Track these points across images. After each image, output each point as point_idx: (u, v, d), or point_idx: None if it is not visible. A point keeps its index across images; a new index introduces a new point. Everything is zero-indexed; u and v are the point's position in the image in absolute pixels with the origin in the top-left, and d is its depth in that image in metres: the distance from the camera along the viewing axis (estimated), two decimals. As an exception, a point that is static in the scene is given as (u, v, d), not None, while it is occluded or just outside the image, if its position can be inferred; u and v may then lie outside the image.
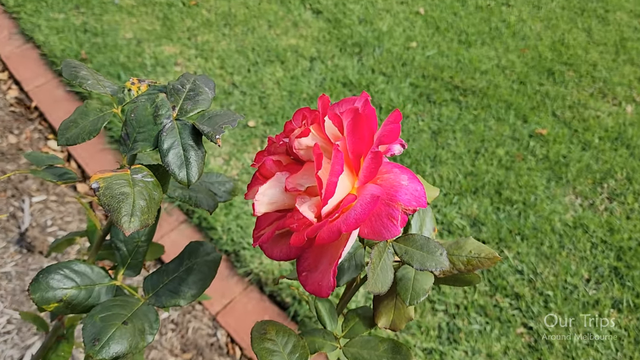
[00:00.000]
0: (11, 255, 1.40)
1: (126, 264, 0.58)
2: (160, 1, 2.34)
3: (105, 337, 0.50)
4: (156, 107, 0.52)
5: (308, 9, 2.44)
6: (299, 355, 0.50)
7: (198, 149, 0.51)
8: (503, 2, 2.71)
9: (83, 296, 0.54)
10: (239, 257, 1.45)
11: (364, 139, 0.47)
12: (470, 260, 0.56)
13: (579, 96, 2.14)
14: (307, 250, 0.50)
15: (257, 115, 1.87)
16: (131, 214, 0.44)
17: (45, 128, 1.81)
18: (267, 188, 0.48)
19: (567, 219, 1.64)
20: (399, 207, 0.45)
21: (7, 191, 1.56)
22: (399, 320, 0.57)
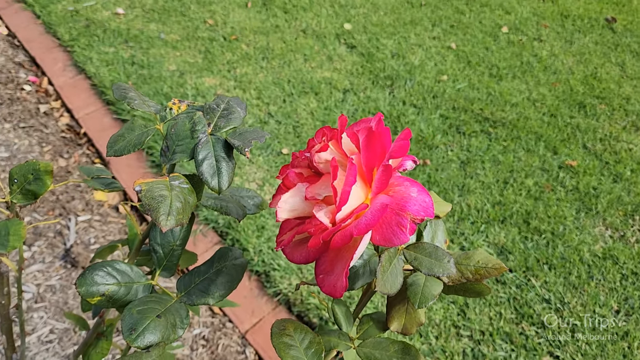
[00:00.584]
0: (56, 269, 1.48)
1: (162, 265, 0.64)
2: (203, 36, 2.48)
3: (141, 328, 0.56)
4: (193, 123, 0.59)
5: (342, 44, 2.54)
6: (314, 351, 0.55)
7: (229, 161, 0.57)
8: (535, 38, 2.75)
9: (122, 292, 0.61)
10: (269, 277, 1.50)
11: (376, 153, 0.52)
12: (478, 269, 0.59)
13: (610, 129, 2.14)
14: (323, 255, 0.54)
15: (291, 143, 1.94)
16: (168, 213, 0.51)
17: (93, 153, 1.93)
18: (289, 197, 0.53)
19: (597, 250, 1.63)
20: (408, 216, 0.50)
21: (55, 210, 1.67)
22: (410, 324, 0.60)
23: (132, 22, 2.54)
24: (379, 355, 0.57)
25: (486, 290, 0.63)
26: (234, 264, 0.64)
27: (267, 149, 1.91)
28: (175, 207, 0.51)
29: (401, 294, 0.62)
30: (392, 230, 0.50)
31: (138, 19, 2.57)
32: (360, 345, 0.59)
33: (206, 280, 0.63)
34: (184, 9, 2.68)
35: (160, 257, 0.64)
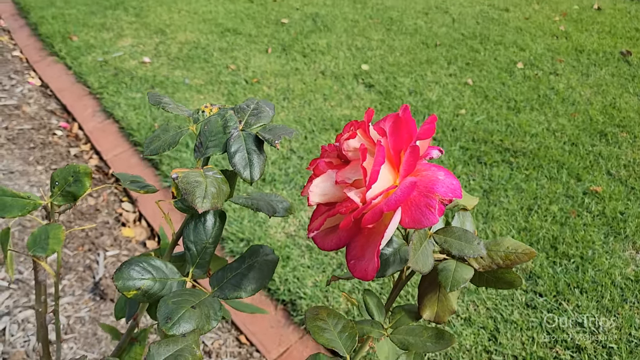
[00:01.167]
0: (85, 302, 1.50)
1: (195, 263, 0.66)
2: (225, 80, 2.56)
3: (177, 317, 0.57)
4: (225, 120, 0.62)
5: (361, 83, 2.60)
6: (348, 334, 0.55)
7: (260, 154, 0.60)
8: (551, 72, 2.78)
9: (157, 287, 0.62)
10: (296, 306, 1.50)
11: (403, 137, 0.54)
12: (508, 255, 0.60)
13: (634, 155, 2.13)
14: (353, 240, 0.56)
15: (313, 177, 1.97)
16: (204, 197, 0.53)
17: (121, 192, 1.98)
18: (320, 182, 0.55)
19: (629, 273, 1.60)
20: (436, 197, 0.51)
21: (84, 245, 1.70)
22: (443, 312, 0.60)
23: (158, 69, 2.65)
24: (412, 341, 0.57)
25: (517, 280, 0.63)
26: (265, 259, 0.66)
27: (290, 183, 1.94)
28: (210, 192, 0.54)
29: (432, 282, 0.63)
30: (421, 212, 0.51)
31: (163, 67, 2.67)
32: (393, 333, 0.59)
33: (238, 275, 0.64)
34: (207, 56, 2.79)
35: (193, 254, 0.66)
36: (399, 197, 0.50)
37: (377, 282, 1.59)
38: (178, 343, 0.54)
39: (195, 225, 0.66)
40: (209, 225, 0.66)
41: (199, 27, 3.10)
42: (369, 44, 3.00)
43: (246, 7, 3.42)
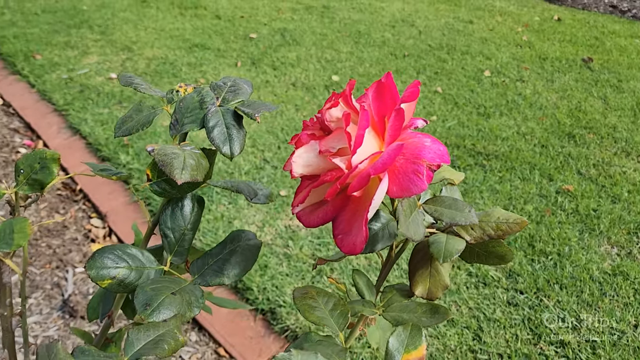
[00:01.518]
0: (54, 320, 1.43)
1: (173, 250, 0.62)
2: (195, 94, 2.53)
3: (156, 303, 0.53)
4: (202, 96, 0.59)
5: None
6: (339, 312, 0.52)
7: (240, 129, 0.57)
8: (517, 79, 2.84)
9: (134, 277, 0.58)
10: (276, 315, 1.45)
11: (387, 102, 0.52)
12: (499, 225, 0.58)
13: (602, 155, 2.17)
14: (340, 214, 0.53)
15: (288, 185, 1.94)
16: (182, 168, 0.50)
17: (89, 207, 1.91)
18: (302, 152, 0.53)
19: (606, 268, 1.61)
20: (423, 164, 0.49)
21: (52, 263, 1.63)
22: (435, 288, 0.58)
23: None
24: (407, 317, 0.55)
25: (509, 253, 0.62)
26: (248, 244, 0.62)
27: (264, 193, 1.91)
28: (188, 163, 0.51)
29: (423, 258, 0.60)
30: (409, 179, 0.49)
31: (131, 82, 2.62)
32: (386, 310, 0.56)
33: (220, 260, 0.61)
34: (176, 70, 2.75)
35: (171, 241, 0.62)
36: (386, 160, 0.48)
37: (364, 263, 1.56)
38: (159, 328, 0.50)
39: (172, 211, 0.62)
40: (187, 210, 0.63)
41: (166, 43, 3.07)
42: (339, 56, 3.01)
43: (213, 23, 3.41)
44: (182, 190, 0.60)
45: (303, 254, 1.65)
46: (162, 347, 0.48)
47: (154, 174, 0.60)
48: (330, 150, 0.52)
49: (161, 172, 0.59)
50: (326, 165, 0.52)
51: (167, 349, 0.48)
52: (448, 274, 0.59)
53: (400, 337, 0.48)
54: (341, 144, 0.52)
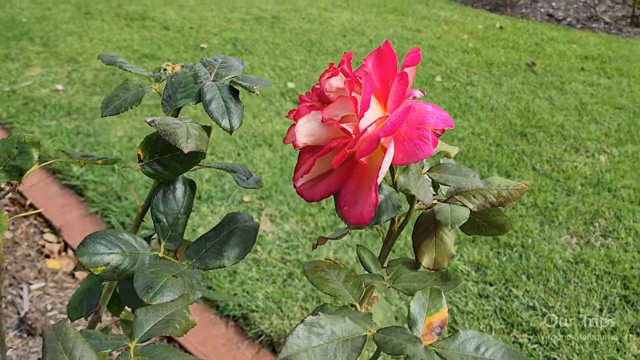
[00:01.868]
0: (11, 340, 1.34)
1: (167, 236, 0.59)
2: (149, 103, 2.46)
3: (158, 286, 0.50)
4: (194, 71, 0.57)
5: (289, 100, 2.59)
6: (352, 283, 0.51)
7: (237, 102, 0.55)
8: (467, 83, 2.92)
9: (128, 263, 0.55)
10: (248, 320, 1.42)
11: (388, 68, 0.52)
12: (500, 192, 0.58)
13: (553, 152, 2.25)
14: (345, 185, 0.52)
15: (252, 191, 1.91)
16: (187, 137, 0.47)
17: (40, 222, 1.81)
18: (305, 121, 0.51)
19: (568, 256, 1.66)
20: (428, 129, 0.49)
21: (4, 281, 1.53)
22: (441, 257, 0.58)
23: (73, 96, 2.50)
24: (418, 286, 0.53)
25: (508, 222, 0.62)
26: (246, 225, 0.60)
27: (227, 199, 1.87)
28: (192, 133, 0.48)
29: (427, 228, 0.60)
30: (415, 144, 0.48)
31: (79, 94, 2.53)
32: (396, 281, 0.55)
33: (218, 243, 0.58)
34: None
35: (164, 226, 0.59)
36: (395, 121, 0.47)
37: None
38: (167, 308, 0.47)
39: (164, 195, 0.59)
40: (179, 193, 0.60)
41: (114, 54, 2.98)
42: (292, 64, 3.01)
43: (162, 34, 3.34)
44: (175, 171, 0.57)
45: (272, 258, 1.62)
46: (174, 327, 0.45)
47: (146, 154, 0.57)
48: (334, 118, 0.51)
49: (153, 153, 0.57)
50: (329, 134, 0.51)
51: (179, 328, 0.45)
52: (453, 243, 0.59)
53: (420, 301, 0.47)
54: (344, 111, 0.51)
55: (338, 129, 0.51)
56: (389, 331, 0.42)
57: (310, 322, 0.40)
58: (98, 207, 1.81)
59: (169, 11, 3.82)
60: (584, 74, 3.12)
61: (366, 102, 0.49)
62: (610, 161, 2.20)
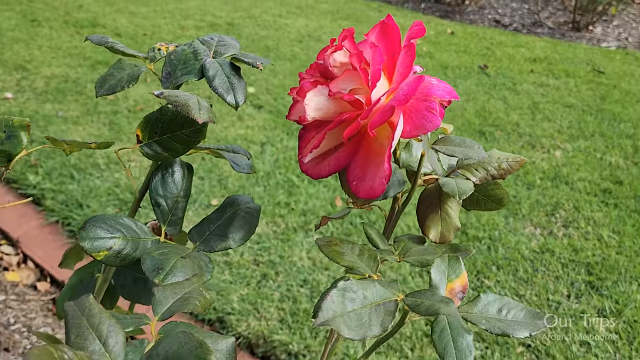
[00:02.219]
0: (-28, 355, 1.26)
1: (167, 220, 0.57)
2: (105, 110, 2.39)
3: (168, 266, 0.48)
4: (194, 48, 0.55)
5: (249, 105, 2.57)
6: (367, 256, 0.50)
7: (240, 78, 0.54)
8: (424, 85, 2.98)
9: (130, 248, 0.52)
10: (225, 322, 1.39)
11: (394, 41, 0.52)
12: (501, 164, 0.59)
13: (511, 149, 2.32)
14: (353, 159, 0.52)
15: (219, 194, 1.88)
16: (199, 108, 0.46)
17: (-4, 234, 1.72)
18: (312, 95, 0.51)
19: (534, 247, 1.71)
20: (435, 100, 0.49)
21: (-40, 295, 1.44)
22: (447, 230, 0.58)
23: (24, 104, 2.40)
24: (430, 258, 0.54)
25: (506, 196, 0.63)
26: (249, 207, 0.59)
27: (195, 203, 1.83)
28: (203, 104, 0.47)
29: (432, 203, 0.60)
30: (423, 116, 0.49)
31: (30, 101, 2.43)
32: (406, 255, 0.55)
33: (222, 225, 0.57)
34: (80, 88, 2.59)
35: (164, 210, 0.57)
36: (408, 91, 0.48)
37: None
38: (184, 286, 0.45)
39: (162, 178, 0.58)
40: (178, 176, 0.59)
41: (65, 62, 2.88)
42: (250, 69, 2.99)
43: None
44: (175, 153, 0.56)
45: (244, 260, 1.59)
46: (194, 303, 0.43)
47: (145, 135, 0.55)
48: (342, 91, 0.51)
49: (153, 133, 0.55)
50: (337, 107, 0.51)
51: (199, 304, 0.43)
52: (457, 216, 0.60)
53: (440, 267, 0.47)
54: (351, 84, 0.51)
55: (345, 103, 0.50)
56: (419, 294, 0.42)
57: (343, 287, 0.39)
58: (58, 216, 1.74)
59: (120, 18, 3.73)
60: (533, 75, 3.24)
61: (377, 73, 0.49)
62: (565, 156, 2.29)
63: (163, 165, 0.58)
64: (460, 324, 0.44)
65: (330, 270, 1.57)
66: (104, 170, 1.97)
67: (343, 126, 0.50)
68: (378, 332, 0.38)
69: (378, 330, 0.38)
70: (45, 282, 1.58)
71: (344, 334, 0.37)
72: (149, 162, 0.64)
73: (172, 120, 0.53)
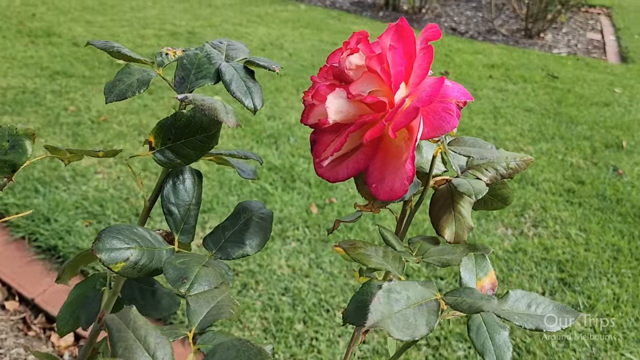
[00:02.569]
0: (-60, 382, 1.19)
1: (180, 228, 0.55)
2: (67, 121, 2.32)
3: (193, 275, 0.47)
4: (206, 52, 0.54)
5: (217, 114, 2.54)
6: (392, 258, 0.50)
7: (255, 82, 0.53)
8: (389, 91, 3.02)
9: (147, 258, 0.51)
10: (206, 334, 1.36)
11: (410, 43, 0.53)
12: (509, 164, 0.60)
13: (478, 152, 2.38)
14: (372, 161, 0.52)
15: (192, 205, 1.85)
16: (226, 112, 0.45)
17: (-43, 253, 1.64)
18: (332, 98, 0.51)
19: (507, 247, 1.75)
20: (452, 101, 0.50)
21: None
22: (461, 230, 0.59)
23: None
24: (449, 258, 0.54)
25: (511, 195, 0.64)
26: (262, 213, 0.58)
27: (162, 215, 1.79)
28: (229, 109, 0.46)
29: (445, 203, 0.61)
30: (441, 117, 0.49)
31: (-13, 114, 2.33)
32: (425, 256, 0.55)
33: (237, 232, 0.56)
34: (39, 99, 2.50)
35: (177, 218, 0.56)
36: (431, 93, 0.48)
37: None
38: (216, 295, 0.44)
39: (174, 185, 0.56)
40: (189, 184, 0.58)
41: (21, 72, 2.78)
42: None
43: (72, 50, 3.17)
44: (188, 159, 0.55)
45: (223, 270, 1.57)
46: (228, 311, 0.42)
47: (158, 141, 0.53)
48: (362, 94, 0.51)
49: (166, 139, 0.53)
50: (357, 110, 0.51)
51: (234, 312, 0.42)
52: (470, 216, 0.60)
53: (468, 266, 0.48)
54: (371, 87, 0.51)
55: (364, 105, 0.51)
56: (459, 293, 0.42)
57: (388, 288, 0.39)
58: (24, 232, 1.67)
59: (76, 27, 3.63)
60: (492, 81, 3.33)
61: (400, 74, 0.50)
62: (528, 158, 2.36)
63: (174, 172, 0.56)
64: (495, 321, 0.45)
65: (310, 278, 1.56)
66: (70, 183, 1.90)
67: (364, 129, 0.50)
68: (425, 331, 0.38)
69: (425, 330, 0.38)
70: (13, 301, 1.51)
71: (393, 335, 0.37)
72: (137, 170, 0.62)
73: (186, 125, 0.52)
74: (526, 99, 3.07)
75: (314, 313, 1.44)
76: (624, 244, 1.80)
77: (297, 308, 1.46)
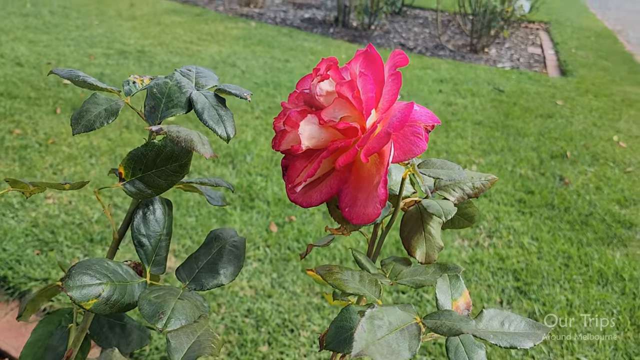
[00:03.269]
0: None
1: (151, 260, 0.54)
2: (13, 145, 2.23)
3: (169, 310, 0.46)
4: (176, 81, 0.54)
5: (171, 133, 2.51)
6: (369, 282, 0.51)
7: (226, 110, 0.53)
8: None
9: (119, 293, 0.50)
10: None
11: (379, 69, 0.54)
12: (474, 184, 0.62)
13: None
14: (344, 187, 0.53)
15: (149, 228, 1.81)
16: (202, 143, 0.45)
17: None
18: (305, 125, 0.52)
19: (464, 258, 1.79)
20: (420, 125, 0.52)
21: None
22: (432, 250, 0.60)
23: None
24: (422, 279, 0.55)
25: (477, 213, 0.66)
26: (235, 241, 0.58)
27: (125, 239, 1.74)
28: (204, 140, 0.46)
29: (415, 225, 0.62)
30: (411, 141, 0.51)
31: None
32: (398, 277, 0.56)
33: (210, 261, 0.56)
34: (-18, 122, 2.40)
35: (148, 250, 0.55)
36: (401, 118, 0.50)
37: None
38: (195, 330, 0.44)
39: (144, 216, 0.56)
40: (159, 214, 0.57)
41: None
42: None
43: (16, 71, 3.06)
44: (158, 189, 0.54)
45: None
46: (210, 346, 0.42)
47: (128, 172, 0.53)
48: (334, 120, 0.52)
49: (137, 170, 0.52)
50: (328, 135, 0.52)
51: (215, 347, 0.42)
52: (439, 236, 0.62)
53: (442, 288, 0.49)
54: (342, 113, 0.52)
55: (336, 131, 0.51)
56: (437, 316, 0.43)
57: (370, 315, 0.40)
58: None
59: (19, 47, 3.51)
60: (442, 95, 3.42)
61: (371, 100, 0.51)
62: (480, 170, 2.43)
63: (144, 203, 0.55)
64: (472, 341, 0.46)
65: (273, 298, 1.55)
66: (18, 210, 1.83)
67: (336, 154, 0.51)
68: (408, 356, 0.39)
69: (407, 354, 0.39)
70: (25, 321, 1.43)
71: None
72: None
73: (157, 155, 0.51)
74: (475, 112, 3.17)
75: (279, 334, 1.43)
76: (574, 251, 1.87)
77: (261, 329, 1.44)
